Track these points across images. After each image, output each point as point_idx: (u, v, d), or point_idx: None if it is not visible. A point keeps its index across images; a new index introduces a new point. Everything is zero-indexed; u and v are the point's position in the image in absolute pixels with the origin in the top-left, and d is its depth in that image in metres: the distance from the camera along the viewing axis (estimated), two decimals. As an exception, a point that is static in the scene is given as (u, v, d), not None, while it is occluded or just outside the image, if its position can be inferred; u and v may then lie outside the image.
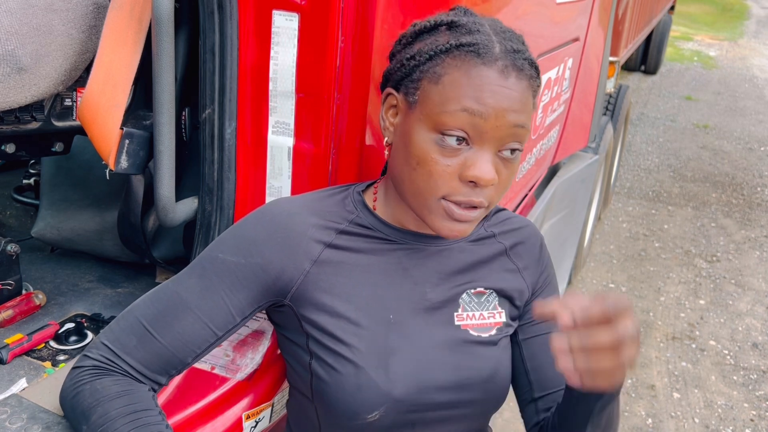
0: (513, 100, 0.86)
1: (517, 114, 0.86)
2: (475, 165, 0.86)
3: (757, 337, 3.68)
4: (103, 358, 0.90)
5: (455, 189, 0.87)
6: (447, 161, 0.86)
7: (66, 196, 1.62)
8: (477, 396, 0.98)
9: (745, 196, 5.76)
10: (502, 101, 0.85)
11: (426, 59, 0.89)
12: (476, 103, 0.84)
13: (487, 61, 0.85)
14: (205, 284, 0.92)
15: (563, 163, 3.00)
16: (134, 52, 1.17)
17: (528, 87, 0.88)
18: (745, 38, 14.97)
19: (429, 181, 0.87)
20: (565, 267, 3.42)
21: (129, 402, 0.87)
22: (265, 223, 0.95)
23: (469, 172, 0.86)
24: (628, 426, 2.89)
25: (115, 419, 0.84)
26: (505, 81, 0.85)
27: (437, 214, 0.89)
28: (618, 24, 4.19)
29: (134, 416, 0.85)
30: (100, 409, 0.85)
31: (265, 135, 1.16)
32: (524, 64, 0.88)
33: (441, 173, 0.87)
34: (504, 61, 0.86)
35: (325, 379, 0.93)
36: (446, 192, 0.87)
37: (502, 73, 0.85)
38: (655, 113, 8.22)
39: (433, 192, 0.88)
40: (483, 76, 0.85)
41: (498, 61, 0.86)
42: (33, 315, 1.37)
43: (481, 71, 0.85)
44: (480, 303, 1.01)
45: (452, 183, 0.87)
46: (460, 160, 0.86)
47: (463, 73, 0.86)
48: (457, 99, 0.85)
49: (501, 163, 0.89)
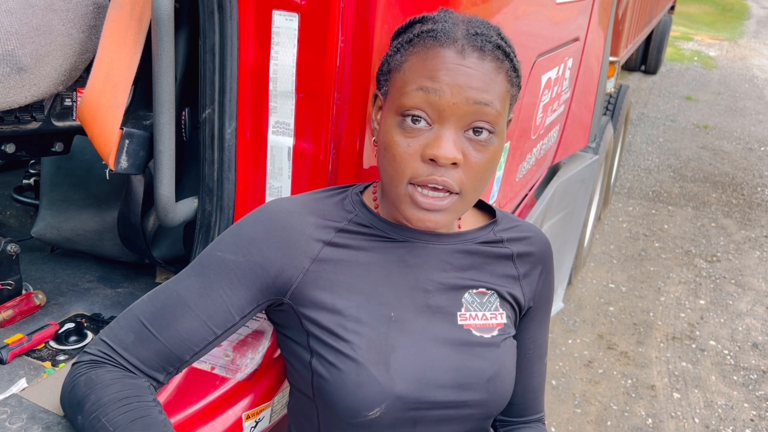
0: (471, 77, 0.86)
1: (476, 91, 0.86)
2: (435, 142, 0.86)
3: (757, 337, 3.68)
4: (100, 353, 0.91)
5: (418, 170, 0.88)
6: (408, 142, 0.88)
7: (66, 196, 1.62)
8: (479, 397, 0.97)
9: (745, 196, 5.76)
10: (458, 78, 0.86)
11: (394, 52, 0.92)
12: (430, 80, 0.86)
13: (445, 43, 0.87)
14: (204, 283, 0.93)
15: (563, 163, 2.99)
16: (134, 52, 1.17)
17: (494, 69, 0.88)
18: (745, 38, 14.96)
19: (394, 165, 0.89)
20: (565, 267, 3.41)
21: (122, 388, 0.87)
22: (265, 221, 0.95)
23: (428, 150, 0.86)
24: (628, 426, 2.89)
25: (107, 404, 0.84)
26: (462, 60, 0.86)
27: (406, 203, 0.90)
28: (618, 24, 4.19)
29: (126, 401, 0.85)
30: (93, 397, 0.86)
31: (265, 135, 1.16)
32: (486, 45, 0.88)
33: (403, 155, 0.88)
34: (463, 42, 0.87)
35: (325, 376, 0.93)
36: (411, 174, 0.88)
37: (460, 54, 0.86)
38: (655, 113, 8.22)
39: (400, 176, 0.89)
40: (439, 56, 0.87)
41: (457, 42, 0.87)
42: (33, 315, 1.37)
43: (438, 52, 0.87)
44: (482, 303, 1.01)
45: (415, 164, 0.88)
46: (422, 140, 0.87)
47: (422, 57, 0.88)
48: (413, 80, 0.87)
49: (469, 145, 0.88)
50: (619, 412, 2.97)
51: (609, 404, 3.01)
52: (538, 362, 1.12)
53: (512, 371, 1.03)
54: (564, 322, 3.62)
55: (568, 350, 3.38)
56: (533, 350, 1.11)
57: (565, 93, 2.37)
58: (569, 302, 3.80)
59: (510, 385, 1.02)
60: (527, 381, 1.11)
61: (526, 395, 1.12)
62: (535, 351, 1.11)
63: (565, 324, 3.60)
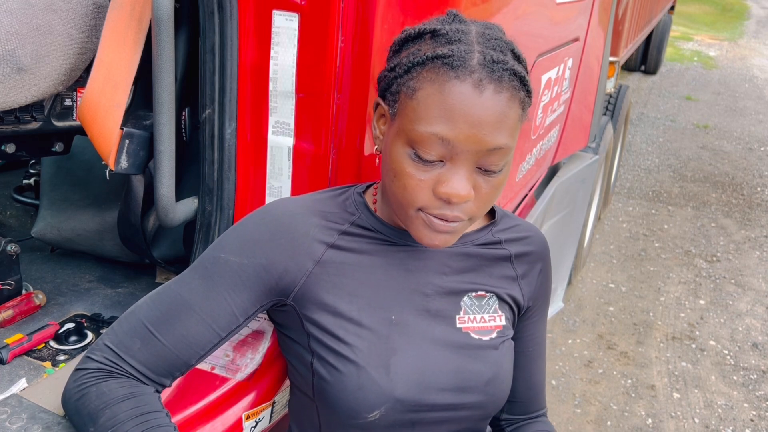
0: (487, 120, 0.82)
1: (492, 136, 0.83)
2: (449, 182, 0.84)
3: (757, 337, 3.68)
4: (107, 361, 0.90)
5: (430, 203, 0.86)
6: (421, 176, 0.85)
7: (66, 196, 1.62)
8: (478, 399, 0.98)
9: (745, 196, 5.76)
10: (474, 124, 0.82)
11: (404, 71, 0.87)
12: (446, 128, 0.82)
13: (461, 74, 0.82)
14: (208, 285, 0.92)
15: (563, 163, 2.99)
16: (134, 52, 1.17)
17: (509, 99, 0.84)
18: (745, 38, 14.96)
19: (405, 193, 0.87)
20: (565, 267, 3.41)
21: (137, 404, 0.87)
22: (269, 223, 0.95)
23: (442, 189, 0.85)
24: (628, 426, 2.89)
25: (124, 422, 0.85)
26: (479, 97, 0.82)
27: (417, 224, 0.89)
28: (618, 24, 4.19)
29: (143, 418, 0.86)
30: (108, 412, 0.86)
31: (265, 135, 1.16)
32: (504, 75, 0.83)
33: (415, 187, 0.86)
34: (480, 74, 0.82)
35: (326, 378, 0.93)
36: (422, 205, 0.87)
37: (477, 88, 0.82)
38: (655, 113, 8.22)
39: (411, 204, 0.87)
40: (455, 93, 0.82)
41: (473, 74, 0.82)
42: (33, 315, 1.37)
43: (453, 87, 0.82)
44: (481, 306, 1.01)
45: (427, 197, 0.86)
46: (434, 175, 0.85)
47: (436, 88, 0.83)
48: (428, 120, 0.83)
49: (481, 179, 0.87)
50: (619, 412, 2.97)
51: (609, 404, 3.01)
52: (538, 359, 1.13)
53: (510, 373, 1.03)
54: (564, 322, 3.62)
55: (568, 350, 3.38)
56: (533, 347, 1.11)
57: (565, 93, 2.37)
58: (569, 302, 3.80)
59: (507, 386, 1.03)
60: (529, 378, 1.12)
61: (529, 392, 1.13)
62: (535, 348, 1.12)
63: (565, 324, 3.60)
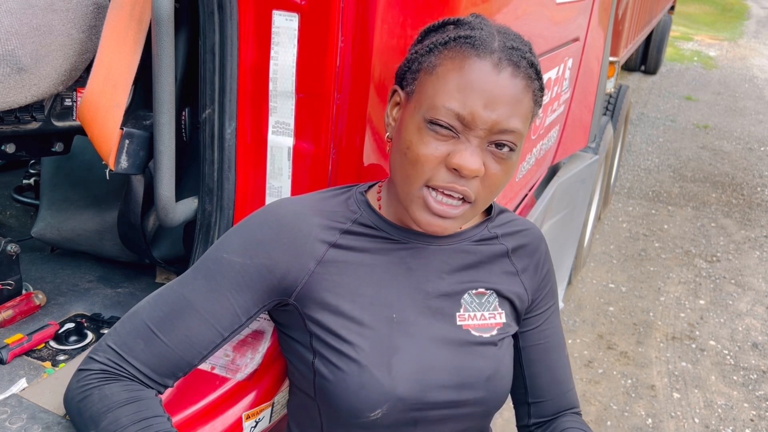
0: (503, 99, 0.85)
1: (506, 116, 0.86)
2: (461, 153, 0.86)
3: (757, 337, 3.68)
4: (110, 362, 0.90)
5: (438, 175, 0.88)
6: (435, 145, 0.87)
7: (66, 196, 1.62)
8: (479, 395, 0.98)
9: (745, 196, 5.76)
10: (490, 101, 0.85)
11: (426, 51, 0.91)
12: (463, 103, 0.85)
13: (482, 53, 0.86)
14: (210, 285, 0.92)
15: (563, 163, 2.99)
16: (134, 52, 1.17)
17: (525, 88, 0.88)
18: (745, 38, 14.96)
19: (416, 165, 0.88)
20: (565, 267, 3.42)
21: (139, 409, 0.87)
22: (271, 223, 0.95)
23: (454, 160, 0.86)
24: (628, 426, 2.89)
25: (126, 426, 0.85)
26: (497, 76, 0.85)
27: (418, 205, 0.90)
28: (618, 24, 4.19)
29: (145, 423, 0.86)
30: (110, 416, 0.86)
31: (265, 135, 1.16)
32: (521, 61, 0.87)
33: (428, 157, 0.87)
34: (500, 54, 0.86)
35: (328, 377, 0.93)
36: (430, 176, 0.88)
37: (496, 67, 0.85)
38: (655, 113, 8.22)
39: (418, 177, 0.88)
40: (475, 70, 0.85)
41: (493, 54, 0.86)
42: (33, 315, 1.37)
43: (474, 63, 0.86)
44: (481, 303, 1.02)
45: (436, 168, 0.88)
46: (448, 147, 0.87)
47: (457, 64, 0.87)
48: (445, 93, 0.86)
49: (491, 158, 0.89)
50: (619, 412, 2.97)
51: (609, 404, 3.01)
52: (555, 352, 1.11)
53: (510, 369, 1.03)
54: (564, 322, 3.62)
55: (568, 350, 3.37)
56: (548, 340, 1.10)
57: (565, 93, 2.37)
58: (569, 302, 3.80)
59: (508, 382, 1.03)
60: (551, 372, 1.10)
61: (553, 389, 1.10)
62: (550, 340, 1.10)
63: (565, 324, 3.60)
